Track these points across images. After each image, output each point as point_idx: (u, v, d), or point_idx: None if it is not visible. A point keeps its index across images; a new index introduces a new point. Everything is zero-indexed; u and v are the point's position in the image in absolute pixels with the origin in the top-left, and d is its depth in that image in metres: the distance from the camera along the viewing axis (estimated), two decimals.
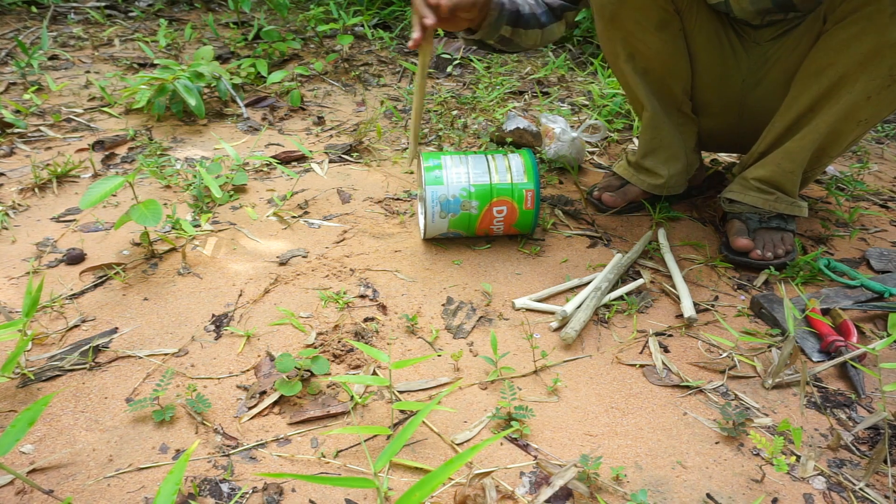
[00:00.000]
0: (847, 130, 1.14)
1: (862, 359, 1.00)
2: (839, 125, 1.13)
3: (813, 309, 1.08)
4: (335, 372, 0.95)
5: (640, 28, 1.21)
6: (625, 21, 1.22)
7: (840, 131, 1.14)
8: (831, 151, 1.19)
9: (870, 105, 1.09)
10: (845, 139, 1.16)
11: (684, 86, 1.30)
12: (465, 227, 1.23)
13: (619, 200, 1.41)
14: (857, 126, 1.13)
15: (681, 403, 0.92)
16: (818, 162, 1.21)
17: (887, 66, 1.04)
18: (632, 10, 1.19)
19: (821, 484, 0.80)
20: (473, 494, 0.74)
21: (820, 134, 1.15)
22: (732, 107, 1.32)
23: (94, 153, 1.62)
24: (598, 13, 1.26)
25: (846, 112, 1.11)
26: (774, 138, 1.22)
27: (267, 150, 1.67)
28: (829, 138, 1.16)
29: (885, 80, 1.06)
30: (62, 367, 0.93)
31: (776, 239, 1.25)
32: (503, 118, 1.88)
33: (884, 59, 1.04)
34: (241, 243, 1.26)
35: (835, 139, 1.16)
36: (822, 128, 1.14)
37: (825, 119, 1.13)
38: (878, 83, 1.06)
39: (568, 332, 1.02)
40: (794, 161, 1.19)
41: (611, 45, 1.29)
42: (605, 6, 1.22)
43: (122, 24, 2.74)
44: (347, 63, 2.38)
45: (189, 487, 0.76)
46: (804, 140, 1.17)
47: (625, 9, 1.19)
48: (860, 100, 1.09)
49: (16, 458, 0.80)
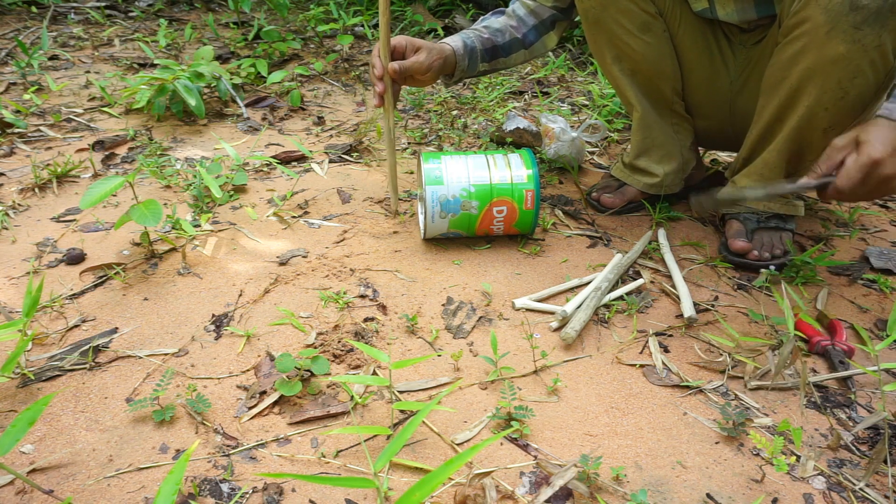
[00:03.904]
0: (814, 139, 1.13)
1: (850, 355, 1.01)
2: (805, 134, 1.13)
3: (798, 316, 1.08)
4: (335, 372, 0.95)
5: (623, 31, 1.22)
6: (608, 24, 1.23)
7: (808, 140, 1.14)
8: (808, 156, 1.18)
9: (828, 115, 1.09)
10: (817, 147, 1.15)
11: (674, 86, 1.31)
12: (465, 227, 1.23)
13: (617, 201, 1.41)
14: (824, 133, 1.12)
15: (681, 403, 0.92)
16: (799, 166, 1.21)
17: (835, 81, 1.04)
18: (614, 13, 1.21)
19: (821, 484, 0.80)
20: (473, 494, 0.74)
21: (789, 143, 1.15)
22: (723, 108, 1.32)
23: (94, 153, 1.62)
24: (582, 17, 1.28)
25: (807, 122, 1.11)
26: (752, 146, 1.23)
27: (267, 150, 1.67)
28: (800, 146, 1.16)
29: (836, 92, 1.05)
30: (62, 367, 0.93)
31: (775, 239, 1.25)
32: (503, 118, 1.88)
33: (829, 75, 1.04)
34: (241, 243, 1.26)
35: (806, 147, 1.16)
36: (789, 137, 1.15)
37: (790, 129, 1.13)
38: (830, 95, 1.06)
39: (568, 332, 1.02)
40: (773, 170, 1.20)
41: (597, 48, 1.31)
42: (588, 10, 1.24)
43: (122, 24, 2.74)
44: (347, 63, 2.38)
45: (189, 487, 0.76)
46: (777, 149, 1.17)
47: (608, 12, 1.21)
48: (818, 111, 1.09)
49: (16, 458, 0.80)
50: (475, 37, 1.31)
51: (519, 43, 1.33)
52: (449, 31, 2.70)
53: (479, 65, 1.32)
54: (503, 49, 1.33)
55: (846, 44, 0.99)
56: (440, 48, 1.23)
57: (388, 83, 1.18)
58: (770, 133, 1.18)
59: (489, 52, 1.32)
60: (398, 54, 1.19)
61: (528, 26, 1.33)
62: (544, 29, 1.35)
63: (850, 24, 0.98)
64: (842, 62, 1.02)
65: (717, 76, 1.28)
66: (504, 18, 1.36)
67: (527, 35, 1.33)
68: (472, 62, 1.29)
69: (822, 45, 1.02)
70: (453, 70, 1.28)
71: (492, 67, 1.36)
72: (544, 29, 1.35)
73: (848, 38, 0.99)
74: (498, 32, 1.33)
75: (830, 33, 1.00)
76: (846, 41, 0.99)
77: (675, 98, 1.33)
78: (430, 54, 1.19)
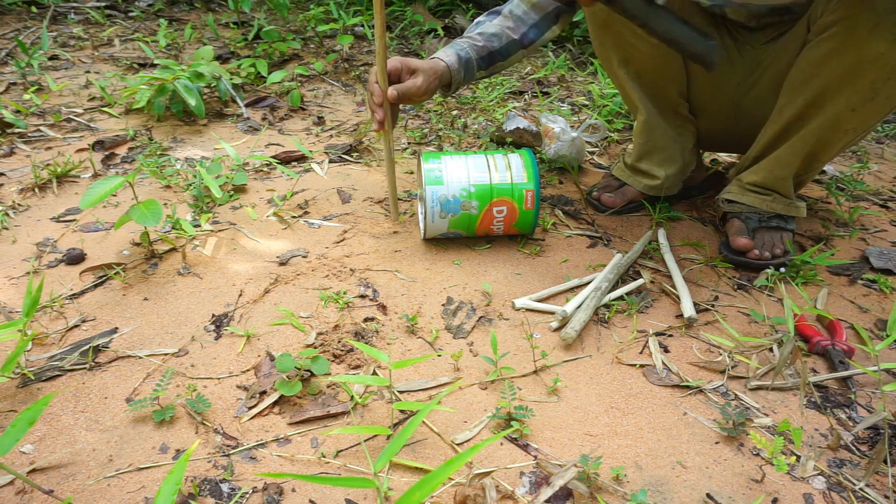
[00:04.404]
0: (835, 139, 1.14)
1: (850, 355, 1.01)
2: (826, 134, 1.13)
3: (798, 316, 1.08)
4: (335, 372, 0.95)
5: (631, 33, 1.22)
6: (616, 26, 1.23)
7: (828, 140, 1.14)
8: (822, 157, 1.19)
9: (855, 116, 1.09)
10: (834, 147, 1.16)
11: (679, 88, 1.31)
12: (465, 227, 1.23)
13: (617, 201, 1.41)
14: (845, 134, 1.13)
15: (681, 403, 0.92)
16: (810, 167, 1.22)
17: (869, 81, 1.04)
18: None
19: (821, 484, 0.80)
20: (473, 494, 0.74)
21: (808, 142, 1.15)
22: (728, 109, 1.32)
23: (94, 153, 1.62)
24: (590, 19, 1.27)
25: (832, 123, 1.11)
26: (765, 145, 1.22)
27: (267, 150, 1.67)
28: (818, 146, 1.16)
29: (867, 93, 1.05)
30: (62, 367, 0.93)
31: (776, 238, 1.25)
32: (503, 118, 1.88)
33: (865, 75, 1.03)
34: (241, 243, 1.26)
35: (824, 147, 1.16)
36: (809, 137, 1.15)
37: (812, 129, 1.13)
38: (861, 96, 1.06)
39: (568, 332, 1.02)
40: (785, 168, 1.20)
41: (603, 50, 1.30)
42: (596, 13, 1.23)
43: (122, 24, 2.74)
44: (347, 63, 2.38)
45: (189, 487, 0.76)
46: (794, 148, 1.17)
47: (615, 14, 1.20)
48: (844, 112, 1.09)
49: (16, 458, 0.80)
50: (469, 46, 1.29)
51: (516, 44, 1.32)
52: (449, 31, 2.70)
53: (475, 73, 1.30)
54: (500, 53, 1.31)
55: (888, 42, 0.99)
56: (434, 67, 1.21)
57: (387, 109, 1.18)
58: (787, 133, 1.18)
59: (485, 59, 1.30)
60: (394, 77, 1.18)
61: (528, 25, 1.32)
62: (547, 24, 1.33)
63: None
64: (880, 62, 1.01)
65: (723, 78, 1.28)
66: (499, 20, 1.32)
67: (526, 34, 1.31)
68: (468, 73, 1.28)
69: (862, 43, 1.01)
70: (450, 82, 1.27)
71: (489, 73, 1.34)
72: (547, 24, 1.33)
73: (891, 36, 0.98)
74: (493, 37, 1.30)
75: (873, 31, 0.99)
76: (888, 39, 0.98)
77: (679, 100, 1.33)
78: (427, 76, 1.19)
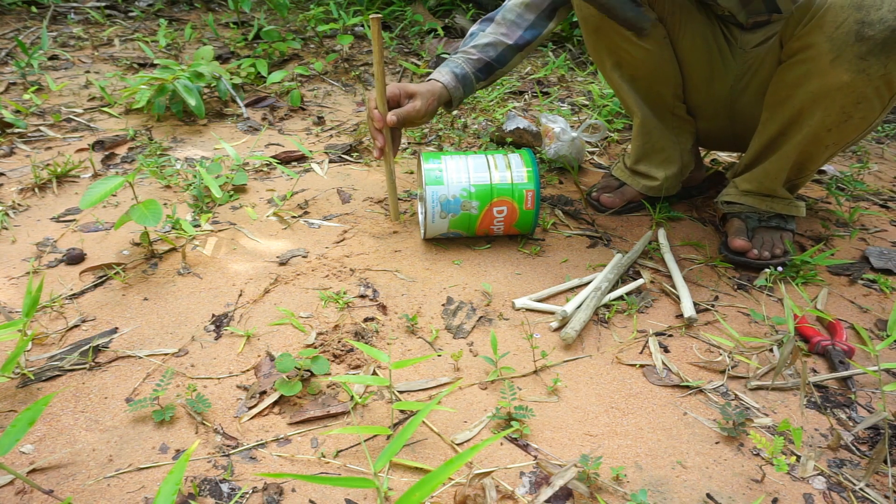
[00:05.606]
0: (818, 153, 1.16)
1: (850, 355, 1.01)
2: (809, 148, 1.15)
3: (800, 317, 1.08)
4: (335, 372, 0.95)
5: (623, 38, 1.22)
6: (608, 32, 1.23)
7: (811, 153, 1.16)
8: (810, 166, 1.21)
9: (832, 135, 1.11)
10: (820, 157, 1.18)
11: (675, 90, 1.31)
12: (465, 227, 1.23)
13: (617, 201, 1.42)
14: (827, 149, 1.15)
15: (681, 403, 0.92)
16: (801, 174, 1.23)
17: (838, 106, 1.05)
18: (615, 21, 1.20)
19: (821, 484, 0.80)
20: (473, 494, 0.74)
21: (793, 155, 1.17)
22: (724, 110, 1.32)
23: (94, 153, 1.62)
24: (582, 24, 1.27)
25: (811, 139, 1.13)
26: (754, 156, 1.24)
27: (267, 150, 1.67)
28: (803, 157, 1.18)
29: (839, 116, 1.07)
30: (62, 367, 0.93)
31: (775, 238, 1.25)
32: (503, 118, 1.87)
33: (833, 100, 1.04)
34: (241, 243, 1.26)
35: (809, 158, 1.18)
36: (792, 151, 1.16)
37: (795, 143, 1.15)
38: (834, 119, 1.07)
39: (568, 332, 1.02)
40: (774, 179, 1.22)
41: (597, 55, 1.31)
42: (588, 18, 1.23)
43: (122, 24, 2.74)
44: (347, 63, 2.38)
45: (189, 487, 0.76)
46: (780, 161, 1.19)
47: (608, 20, 1.20)
48: (821, 130, 1.10)
49: (16, 458, 0.80)
50: (464, 61, 1.29)
51: (513, 49, 1.32)
52: (449, 31, 2.70)
53: (475, 86, 1.31)
54: (497, 61, 1.31)
55: (851, 73, 0.99)
56: (432, 89, 1.22)
57: (387, 135, 1.20)
58: (774, 145, 1.19)
59: (483, 70, 1.31)
60: (392, 103, 1.19)
61: (523, 27, 1.31)
62: (543, 23, 1.32)
63: (856, 55, 0.97)
64: (846, 90, 1.02)
65: (717, 79, 1.28)
66: (492, 28, 1.31)
67: (521, 37, 1.31)
68: (466, 88, 1.29)
69: (826, 73, 1.02)
70: (450, 100, 1.28)
71: (490, 81, 1.35)
72: (543, 23, 1.32)
73: (853, 67, 0.98)
74: (488, 48, 1.30)
75: (835, 62, 0.99)
76: (851, 70, 0.99)
77: (675, 102, 1.33)
78: (425, 99, 1.20)
